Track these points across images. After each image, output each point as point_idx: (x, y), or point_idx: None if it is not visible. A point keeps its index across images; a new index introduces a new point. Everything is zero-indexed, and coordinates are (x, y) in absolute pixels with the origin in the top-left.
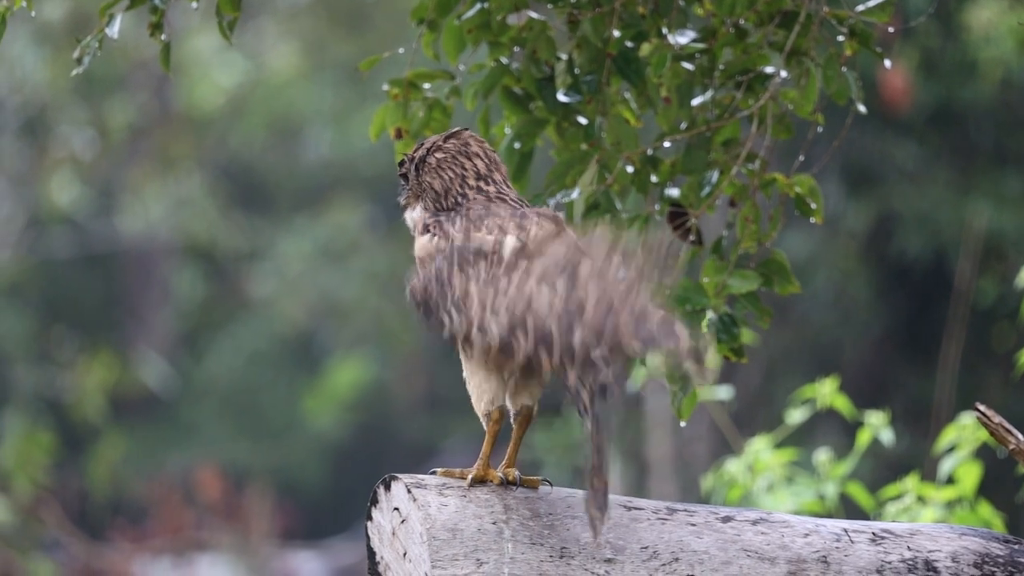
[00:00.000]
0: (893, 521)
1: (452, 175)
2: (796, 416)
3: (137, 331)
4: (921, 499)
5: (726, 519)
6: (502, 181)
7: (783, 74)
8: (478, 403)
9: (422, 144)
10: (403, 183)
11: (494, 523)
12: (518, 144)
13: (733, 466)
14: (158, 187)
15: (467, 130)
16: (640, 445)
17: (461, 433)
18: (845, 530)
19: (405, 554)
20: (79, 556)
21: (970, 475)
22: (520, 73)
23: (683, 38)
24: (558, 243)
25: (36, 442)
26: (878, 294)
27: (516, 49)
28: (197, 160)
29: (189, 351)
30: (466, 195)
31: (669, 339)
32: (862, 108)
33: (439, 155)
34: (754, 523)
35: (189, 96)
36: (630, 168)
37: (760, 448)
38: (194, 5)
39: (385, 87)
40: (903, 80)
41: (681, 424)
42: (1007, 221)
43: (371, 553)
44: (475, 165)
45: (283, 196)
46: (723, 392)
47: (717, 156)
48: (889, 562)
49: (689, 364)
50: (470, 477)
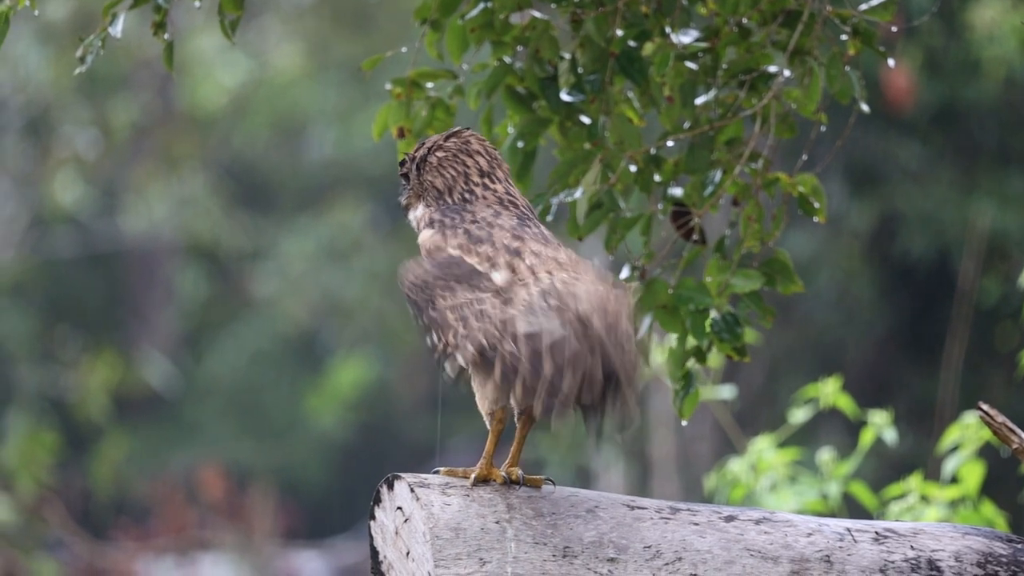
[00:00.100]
0: (896, 520)
1: (454, 173)
2: (799, 415)
3: (140, 330)
4: (924, 498)
5: (729, 518)
6: (506, 179)
7: (786, 73)
8: (482, 402)
9: (423, 143)
10: (404, 183)
11: (497, 522)
12: (521, 143)
13: (736, 465)
14: (161, 186)
15: (468, 129)
16: (643, 444)
17: (465, 432)
18: (848, 529)
19: (408, 553)
20: (82, 555)
21: (973, 474)
22: (523, 72)
23: (686, 37)
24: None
25: (40, 441)
26: (881, 293)
27: (519, 48)
28: (200, 159)
29: (192, 350)
30: (473, 191)
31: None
32: (865, 107)
33: (440, 154)
34: (757, 522)
35: (192, 95)
36: (633, 167)
37: (763, 447)
38: (197, 4)
39: (388, 86)
40: (906, 79)
41: (683, 423)
42: (1010, 221)
43: (374, 552)
44: (477, 163)
45: (286, 195)
46: (726, 391)
47: (720, 155)
48: (892, 561)
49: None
50: (473, 476)
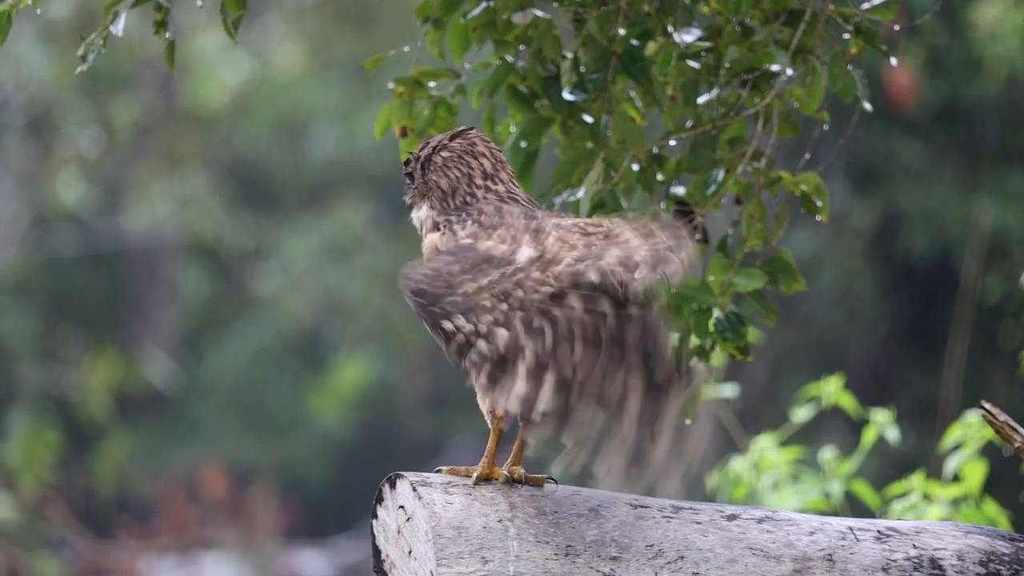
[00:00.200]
0: (898, 519)
1: (458, 174)
2: (801, 414)
3: (142, 329)
4: (927, 497)
5: (731, 517)
6: (509, 180)
7: (789, 72)
8: (483, 401)
9: (427, 143)
10: (408, 182)
11: (499, 521)
12: (524, 142)
13: (738, 464)
14: (163, 185)
15: (473, 129)
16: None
17: (467, 431)
18: (850, 528)
19: (410, 552)
20: (85, 554)
21: (975, 473)
22: (525, 71)
23: (689, 36)
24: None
25: (42, 440)
26: (883, 292)
27: (521, 47)
28: (202, 158)
29: (194, 349)
30: (475, 194)
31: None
32: (868, 106)
33: (445, 154)
34: (759, 521)
35: (194, 94)
36: (636, 166)
37: (765, 446)
38: (199, 3)
39: (390, 85)
40: (909, 78)
41: (687, 422)
42: (1012, 219)
43: (376, 551)
44: (481, 164)
45: (288, 194)
46: (728, 390)
47: (723, 154)
48: (894, 560)
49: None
50: (475, 475)
